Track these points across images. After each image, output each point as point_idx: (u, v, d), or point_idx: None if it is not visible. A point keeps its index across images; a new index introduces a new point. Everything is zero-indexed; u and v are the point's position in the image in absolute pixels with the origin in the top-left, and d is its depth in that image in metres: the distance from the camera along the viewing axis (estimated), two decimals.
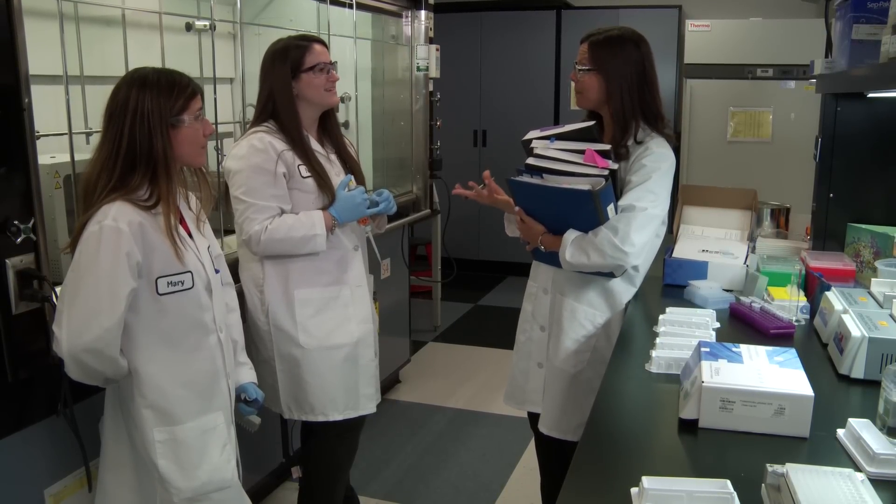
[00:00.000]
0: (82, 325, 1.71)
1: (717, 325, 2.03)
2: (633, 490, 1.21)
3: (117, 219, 1.72)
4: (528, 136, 2.19)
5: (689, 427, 1.49)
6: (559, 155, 2.07)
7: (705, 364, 1.55)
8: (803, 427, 1.45)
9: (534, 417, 2.46)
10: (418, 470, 3.42)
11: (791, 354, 1.63)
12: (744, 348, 1.66)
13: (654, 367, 1.79)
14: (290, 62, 2.33)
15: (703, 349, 1.63)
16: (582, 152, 2.06)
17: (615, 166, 2.08)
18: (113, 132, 1.77)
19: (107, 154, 1.77)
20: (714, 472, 1.29)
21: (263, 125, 2.36)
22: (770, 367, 1.56)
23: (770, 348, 1.66)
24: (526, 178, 2.11)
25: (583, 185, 2.01)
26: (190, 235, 1.91)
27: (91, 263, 1.71)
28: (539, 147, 2.12)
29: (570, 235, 2.10)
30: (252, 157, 2.30)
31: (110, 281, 1.71)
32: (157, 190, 1.79)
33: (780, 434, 1.45)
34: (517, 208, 2.23)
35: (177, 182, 1.85)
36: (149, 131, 1.75)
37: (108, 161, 1.77)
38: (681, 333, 1.93)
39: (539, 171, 2.08)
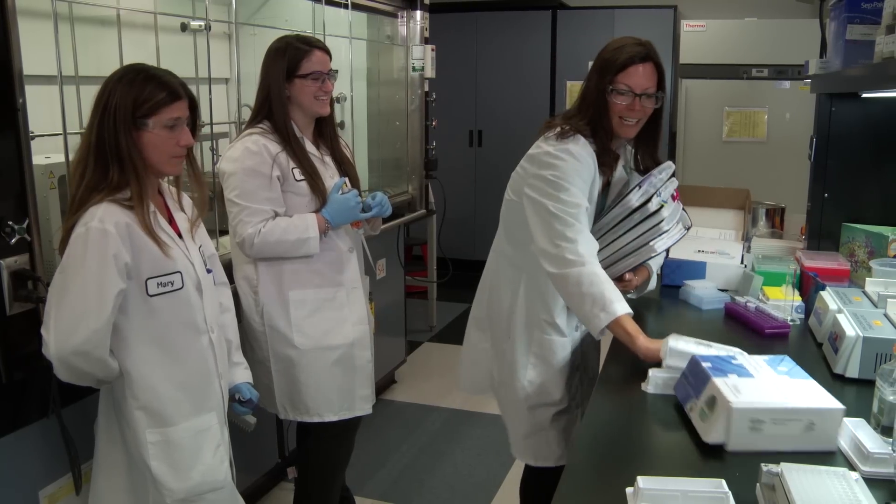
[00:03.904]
0: (70, 327, 1.69)
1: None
2: (629, 489, 1.21)
3: (104, 220, 1.70)
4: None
5: (714, 451, 1.39)
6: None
7: (719, 381, 1.45)
8: (831, 440, 1.39)
9: None
10: (414, 470, 3.42)
11: (790, 362, 1.59)
12: (740, 358, 1.61)
13: (650, 388, 1.69)
14: (286, 62, 2.33)
15: (704, 364, 1.55)
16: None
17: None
18: (89, 124, 1.76)
19: (84, 147, 1.76)
20: (709, 471, 1.29)
21: (258, 126, 2.36)
22: (781, 379, 1.50)
23: (766, 357, 1.61)
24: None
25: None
26: (180, 235, 1.90)
27: (78, 266, 1.70)
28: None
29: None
30: (246, 159, 2.29)
31: (97, 283, 1.70)
32: (132, 189, 1.76)
33: (808, 450, 1.38)
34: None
35: (149, 183, 1.80)
36: (114, 127, 1.72)
37: (83, 154, 1.75)
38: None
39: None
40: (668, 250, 2.26)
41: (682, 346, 1.67)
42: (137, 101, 1.73)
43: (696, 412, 1.48)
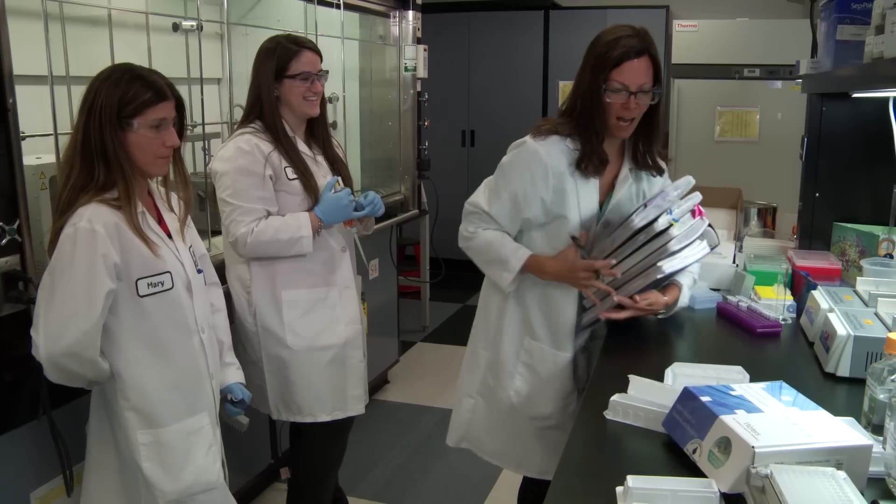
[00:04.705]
0: (59, 328, 1.68)
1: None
2: (619, 489, 1.21)
3: (92, 220, 1.69)
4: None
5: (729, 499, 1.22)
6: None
7: (728, 420, 1.29)
8: (861, 479, 1.22)
9: None
10: (407, 470, 3.42)
11: (790, 389, 1.45)
12: (738, 389, 1.44)
13: (610, 413, 1.55)
14: (276, 63, 2.32)
15: (702, 398, 1.38)
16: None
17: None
18: (76, 124, 1.75)
19: (71, 147, 1.75)
20: (699, 471, 1.29)
21: (250, 126, 2.36)
22: (791, 412, 1.35)
23: (762, 384, 1.47)
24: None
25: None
26: (170, 236, 1.89)
27: (67, 266, 1.69)
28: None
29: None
30: (238, 159, 2.29)
31: (87, 283, 1.69)
32: (119, 189, 1.75)
33: None
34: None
35: (136, 183, 1.79)
36: (100, 127, 1.71)
37: (70, 154, 1.75)
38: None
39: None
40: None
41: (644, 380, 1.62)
42: (122, 101, 1.72)
43: (704, 456, 1.30)
